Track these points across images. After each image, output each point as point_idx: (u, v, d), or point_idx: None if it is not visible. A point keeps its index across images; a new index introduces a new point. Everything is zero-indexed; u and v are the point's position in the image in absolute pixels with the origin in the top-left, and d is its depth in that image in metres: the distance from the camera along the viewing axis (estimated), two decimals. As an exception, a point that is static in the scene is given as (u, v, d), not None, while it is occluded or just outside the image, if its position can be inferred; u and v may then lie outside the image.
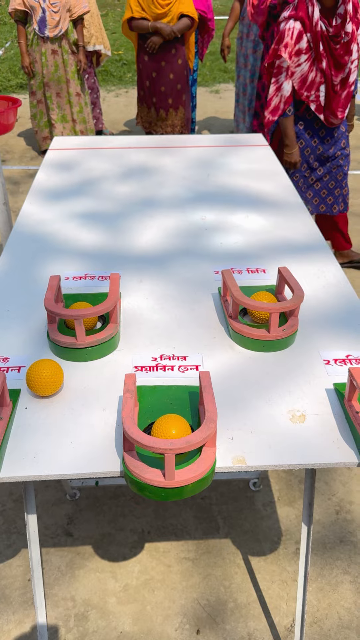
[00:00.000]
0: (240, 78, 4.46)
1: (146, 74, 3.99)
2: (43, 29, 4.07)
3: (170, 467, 0.93)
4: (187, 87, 4.08)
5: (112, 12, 11.39)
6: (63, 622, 1.62)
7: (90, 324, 1.30)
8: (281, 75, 2.51)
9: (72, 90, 4.35)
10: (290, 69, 2.48)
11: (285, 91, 2.53)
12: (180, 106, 4.08)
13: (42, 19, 4.03)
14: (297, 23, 2.42)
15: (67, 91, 4.35)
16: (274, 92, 2.56)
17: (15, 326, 1.37)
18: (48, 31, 4.07)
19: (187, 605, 1.66)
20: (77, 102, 4.41)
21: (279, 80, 2.53)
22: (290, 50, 2.45)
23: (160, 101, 4.04)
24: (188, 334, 1.35)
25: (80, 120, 4.51)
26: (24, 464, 1.03)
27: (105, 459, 1.03)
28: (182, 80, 4.00)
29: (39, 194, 2.06)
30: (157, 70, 3.93)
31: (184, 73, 3.99)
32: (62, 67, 4.25)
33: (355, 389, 1.10)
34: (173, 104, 4.06)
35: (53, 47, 4.16)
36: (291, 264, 1.63)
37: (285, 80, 2.49)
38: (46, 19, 4.02)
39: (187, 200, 2.01)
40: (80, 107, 4.45)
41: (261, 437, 1.08)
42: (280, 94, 2.55)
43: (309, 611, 1.64)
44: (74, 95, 4.37)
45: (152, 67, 3.94)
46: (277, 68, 2.52)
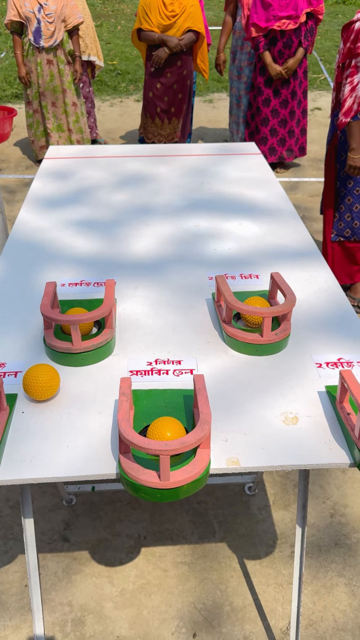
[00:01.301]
0: (234, 90, 4.50)
1: (151, 84, 4.05)
2: (38, 40, 4.11)
3: (165, 468, 0.94)
4: (189, 98, 4.15)
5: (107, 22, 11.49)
6: (60, 627, 1.62)
7: (86, 329, 1.32)
8: (357, 75, 2.41)
9: (68, 100, 4.39)
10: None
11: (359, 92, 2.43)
12: (181, 115, 4.15)
13: (37, 30, 4.07)
14: None
15: (64, 101, 4.39)
16: (349, 93, 2.46)
17: (12, 332, 1.39)
18: (43, 41, 4.11)
19: (184, 609, 1.66)
20: (73, 112, 4.45)
21: (354, 81, 2.43)
22: None
23: (163, 111, 4.11)
24: (182, 339, 1.37)
25: (77, 130, 4.55)
26: (21, 467, 1.04)
27: (101, 462, 1.05)
28: (185, 90, 4.07)
29: (35, 202, 2.08)
30: (162, 80, 4.00)
31: (187, 83, 4.06)
32: (58, 77, 4.29)
33: (346, 391, 1.12)
34: (175, 113, 4.12)
35: (48, 57, 4.20)
36: (283, 269, 1.65)
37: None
38: (41, 29, 4.07)
39: (181, 207, 2.03)
40: (76, 117, 4.49)
41: (255, 438, 1.10)
42: (355, 95, 2.44)
43: (305, 614, 1.65)
44: (70, 105, 4.41)
45: (157, 78, 4.01)
46: (352, 68, 2.43)
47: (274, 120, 4.24)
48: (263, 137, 4.33)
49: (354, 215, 2.77)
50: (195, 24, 3.81)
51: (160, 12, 3.74)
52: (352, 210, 2.76)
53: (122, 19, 11.81)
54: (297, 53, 3.97)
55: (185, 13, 3.76)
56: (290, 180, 4.57)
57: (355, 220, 2.78)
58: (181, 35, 3.84)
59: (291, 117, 4.26)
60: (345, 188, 2.73)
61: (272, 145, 4.37)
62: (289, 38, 3.92)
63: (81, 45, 4.53)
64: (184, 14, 3.76)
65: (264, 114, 4.23)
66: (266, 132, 4.30)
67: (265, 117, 4.23)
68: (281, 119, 4.24)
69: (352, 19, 2.49)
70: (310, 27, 3.96)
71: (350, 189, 2.72)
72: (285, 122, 4.26)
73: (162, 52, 3.84)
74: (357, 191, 2.71)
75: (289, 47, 3.95)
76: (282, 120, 4.25)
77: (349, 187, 2.72)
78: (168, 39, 3.79)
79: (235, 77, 4.44)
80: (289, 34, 3.91)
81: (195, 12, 3.80)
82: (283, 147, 4.39)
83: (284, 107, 4.19)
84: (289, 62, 3.98)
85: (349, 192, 2.73)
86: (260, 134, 4.33)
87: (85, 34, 4.53)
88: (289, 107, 4.20)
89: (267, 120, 4.25)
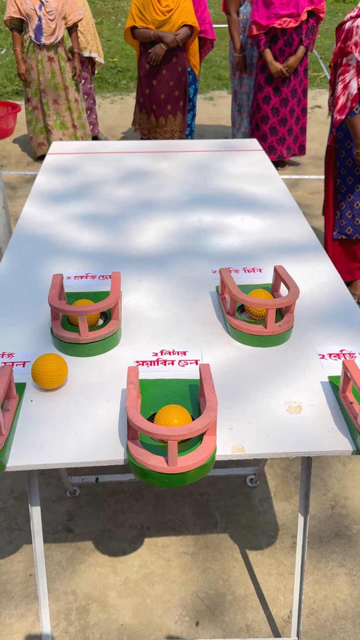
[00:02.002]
0: (245, 87, 4.50)
1: (147, 82, 4.05)
2: (39, 37, 4.12)
3: (173, 453, 0.97)
4: (185, 93, 4.14)
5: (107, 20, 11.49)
6: (65, 615, 1.65)
7: (92, 320, 1.34)
8: (348, 74, 2.46)
9: (70, 97, 4.40)
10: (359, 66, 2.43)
11: (352, 89, 2.47)
12: (178, 112, 4.14)
13: (39, 27, 4.08)
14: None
15: (66, 98, 4.40)
16: (341, 91, 2.51)
17: (20, 323, 1.41)
18: (44, 39, 4.12)
19: (187, 598, 1.69)
20: (76, 108, 4.47)
21: (345, 79, 2.48)
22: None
23: (160, 108, 4.10)
24: (187, 331, 1.39)
25: (81, 126, 4.57)
26: (30, 453, 1.06)
27: (109, 448, 1.07)
28: (181, 86, 4.06)
29: (39, 197, 2.10)
30: (158, 77, 4.00)
31: (183, 80, 4.05)
32: (59, 74, 4.30)
33: (349, 380, 1.14)
34: (172, 110, 4.12)
35: (49, 55, 4.22)
36: (286, 263, 1.68)
37: (353, 77, 2.44)
38: (42, 26, 4.08)
39: (184, 202, 2.05)
40: (79, 113, 4.51)
41: (259, 427, 1.12)
42: (348, 92, 2.48)
43: (306, 602, 1.68)
44: (73, 102, 4.43)
45: (152, 75, 4.00)
46: (343, 66, 2.48)
47: (274, 118, 4.26)
48: (263, 134, 4.35)
49: (355, 213, 2.79)
50: (189, 19, 3.81)
51: (155, 8, 3.74)
52: (353, 207, 2.78)
53: (123, 16, 11.81)
54: (298, 51, 3.98)
55: (180, 7, 3.76)
56: (291, 177, 4.59)
57: (356, 218, 2.79)
58: (176, 31, 3.84)
59: (291, 116, 4.27)
60: (346, 185, 2.75)
61: (272, 144, 4.39)
62: (290, 36, 3.93)
63: (82, 41, 4.54)
64: (179, 9, 3.76)
65: (264, 112, 4.24)
66: (266, 129, 4.32)
67: (265, 114, 4.25)
68: (281, 118, 4.26)
69: (344, 19, 2.52)
70: (311, 25, 3.98)
71: (351, 186, 2.74)
72: (285, 120, 4.28)
73: (159, 48, 3.84)
74: (357, 188, 2.73)
75: (289, 45, 3.97)
76: (282, 119, 4.27)
77: (350, 184, 2.74)
78: (164, 35, 3.79)
79: (246, 74, 4.44)
80: (289, 32, 3.93)
81: (189, 6, 3.80)
82: (282, 145, 4.41)
83: (284, 105, 4.21)
84: (290, 60, 3.99)
85: (349, 189, 2.75)
86: (260, 131, 4.34)
87: (86, 30, 4.54)
88: (289, 105, 4.22)
89: (266, 118, 4.26)
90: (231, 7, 4.31)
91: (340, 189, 2.78)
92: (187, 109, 4.26)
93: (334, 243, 2.96)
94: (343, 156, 2.72)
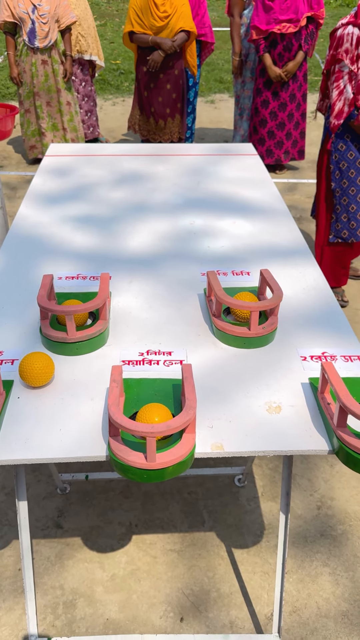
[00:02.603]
0: (248, 92, 4.54)
1: (144, 85, 4.09)
2: (33, 40, 4.15)
3: (151, 449, 1.00)
4: (183, 95, 4.18)
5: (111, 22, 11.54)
6: (52, 609, 1.68)
7: (81, 320, 1.37)
8: (342, 80, 2.52)
9: (62, 100, 4.44)
10: (352, 73, 2.49)
11: (348, 94, 2.53)
12: (177, 114, 4.18)
13: (32, 30, 4.12)
14: (355, 29, 2.45)
15: (58, 100, 4.44)
16: (337, 97, 2.56)
17: (10, 322, 1.44)
18: (38, 42, 4.15)
19: (172, 594, 1.72)
20: (67, 111, 4.50)
21: (340, 85, 2.53)
22: (352, 55, 2.46)
23: (158, 111, 4.14)
24: (174, 331, 1.43)
25: (71, 129, 4.60)
26: (15, 448, 1.10)
27: (92, 444, 1.10)
28: (178, 89, 4.09)
29: (35, 198, 2.13)
30: (155, 81, 4.03)
31: (180, 82, 4.09)
32: (53, 77, 4.34)
33: (327, 382, 1.17)
34: (170, 113, 4.15)
35: (43, 58, 4.25)
36: (274, 267, 1.71)
37: (348, 83, 2.50)
38: (36, 30, 4.11)
39: (177, 206, 2.09)
40: (70, 116, 4.54)
41: (239, 426, 1.15)
42: (344, 97, 2.54)
43: (289, 601, 1.71)
44: (64, 104, 4.46)
45: (150, 79, 4.04)
46: (337, 73, 2.54)
47: (272, 122, 4.29)
48: (261, 138, 4.38)
49: (351, 216, 2.82)
50: (187, 24, 3.84)
51: (153, 14, 3.77)
52: (348, 210, 2.81)
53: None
54: (297, 56, 4.02)
55: (177, 13, 3.79)
56: (289, 181, 4.62)
57: (352, 221, 2.83)
58: (174, 36, 3.87)
59: (289, 120, 4.31)
60: (341, 189, 2.78)
61: (269, 148, 4.43)
62: (289, 41, 3.97)
63: (83, 44, 4.58)
64: (176, 14, 3.79)
65: (262, 115, 4.28)
66: (264, 133, 4.35)
67: (264, 118, 4.28)
68: (279, 122, 4.29)
69: (336, 26, 2.55)
70: (310, 31, 4.02)
71: (346, 189, 2.77)
72: (283, 125, 4.31)
73: (158, 55, 3.88)
74: (352, 191, 2.76)
75: (288, 50, 4.00)
76: (280, 124, 4.30)
77: (344, 187, 2.77)
78: (162, 41, 3.82)
79: (249, 78, 4.47)
80: (289, 37, 3.96)
81: (186, 11, 3.84)
82: (280, 149, 4.45)
83: (283, 110, 4.24)
84: (289, 65, 4.03)
85: (344, 192, 2.78)
86: (258, 135, 4.38)
87: (87, 33, 4.58)
88: (287, 110, 4.25)
89: (265, 122, 4.30)
90: (235, 10, 4.35)
91: (335, 192, 2.81)
92: (185, 111, 4.30)
93: (323, 248, 2.99)
94: (337, 159, 2.75)
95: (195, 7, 4.23)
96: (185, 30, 3.85)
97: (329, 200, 2.89)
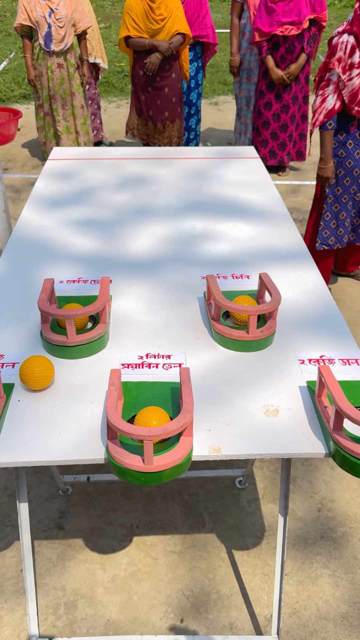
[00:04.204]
0: (244, 92, 4.55)
1: (142, 88, 4.10)
2: (49, 44, 4.18)
3: (148, 452, 1.01)
4: (181, 100, 4.19)
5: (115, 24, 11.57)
6: (53, 609, 1.69)
7: (81, 323, 1.38)
8: (327, 88, 2.53)
9: (76, 103, 4.47)
10: (340, 83, 2.50)
11: (328, 104, 2.54)
12: (177, 118, 4.19)
13: (48, 34, 4.15)
14: (350, 37, 2.45)
15: (72, 104, 4.46)
16: (319, 104, 2.58)
17: (11, 325, 1.46)
18: (54, 45, 4.19)
19: (172, 595, 1.73)
20: (81, 115, 4.53)
21: (324, 93, 2.55)
22: (344, 64, 2.47)
23: (156, 114, 4.15)
24: (173, 335, 1.44)
25: (84, 133, 4.63)
26: (15, 451, 1.11)
27: (91, 447, 1.12)
28: (177, 93, 4.11)
29: (38, 201, 2.15)
30: (152, 84, 4.05)
31: (178, 86, 4.10)
32: (68, 81, 4.37)
33: (324, 385, 1.18)
34: (169, 117, 4.16)
35: (59, 61, 4.28)
36: (274, 270, 1.72)
37: (331, 93, 2.52)
38: (52, 33, 4.14)
39: (179, 209, 2.10)
40: (84, 120, 4.57)
41: (236, 429, 1.16)
42: (324, 106, 2.55)
43: (289, 602, 1.72)
44: (78, 108, 4.49)
45: (147, 82, 4.06)
46: (325, 81, 2.55)
47: (275, 124, 4.30)
48: (264, 139, 4.39)
49: (339, 223, 2.84)
50: (182, 27, 3.86)
51: (149, 17, 3.79)
52: (338, 217, 2.83)
53: (131, 21, 11.87)
54: (299, 58, 4.03)
55: (173, 16, 3.81)
56: (292, 183, 4.63)
57: (340, 228, 2.85)
58: (170, 39, 3.89)
59: (292, 122, 4.32)
60: (334, 195, 2.80)
61: (273, 149, 4.43)
62: (292, 43, 3.98)
63: (87, 47, 4.61)
64: (172, 17, 3.81)
65: (265, 117, 4.29)
66: (267, 135, 4.36)
67: (267, 120, 4.29)
68: (282, 124, 4.30)
69: (332, 34, 2.56)
70: (313, 33, 4.02)
71: (339, 197, 2.79)
72: (286, 126, 4.32)
73: (155, 58, 3.89)
74: (344, 199, 2.78)
75: (291, 53, 4.01)
76: (283, 125, 4.31)
77: (337, 195, 2.79)
78: (159, 43, 3.84)
79: (245, 78, 4.50)
80: (291, 40, 3.97)
81: (181, 14, 3.85)
82: (283, 151, 4.45)
83: (285, 111, 4.25)
84: (291, 68, 4.04)
85: (337, 199, 2.80)
86: (261, 137, 4.39)
87: (91, 36, 4.60)
88: (290, 111, 4.26)
89: (268, 124, 4.31)
90: (234, 12, 4.38)
91: (327, 198, 2.83)
92: (183, 115, 4.31)
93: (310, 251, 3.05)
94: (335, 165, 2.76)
95: (197, 9, 4.24)
96: (181, 32, 3.87)
97: (320, 206, 2.91)
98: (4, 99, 6.87)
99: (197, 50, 4.40)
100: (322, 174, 2.72)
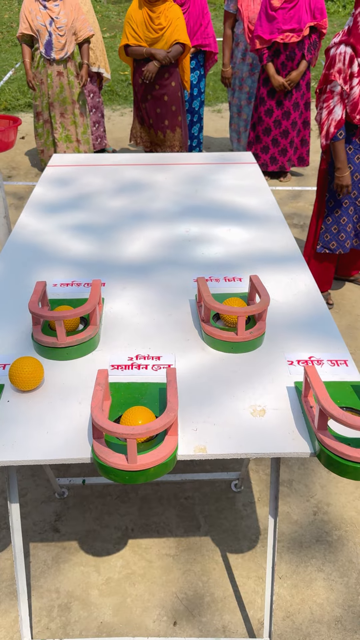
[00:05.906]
0: (235, 100, 4.63)
1: (141, 97, 4.15)
2: (49, 52, 4.24)
3: (132, 451, 1.02)
4: (182, 108, 4.22)
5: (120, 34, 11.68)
6: (47, 612, 1.70)
7: (72, 325, 1.40)
8: (332, 100, 2.55)
9: (77, 112, 4.51)
10: (344, 93, 2.52)
11: (336, 115, 2.56)
12: (177, 127, 4.22)
13: (49, 42, 4.20)
14: (348, 48, 2.48)
15: (72, 112, 4.51)
16: (326, 117, 2.60)
17: (3, 328, 1.48)
18: (54, 53, 4.24)
19: (166, 598, 1.73)
20: (81, 123, 4.58)
21: (330, 105, 2.57)
22: (344, 75, 2.49)
23: (157, 123, 4.19)
24: (164, 336, 1.45)
25: (85, 141, 4.67)
26: (4, 451, 1.12)
27: (77, 447, 1.13)
28: (177, 102, 4.14)
29: (36, 207, 2.18)
30: (152, 93, 4.09)
31: (178, 95, 4.13)
32: (68, 89, 4.41)
33: (309, 385, 1.19)
34: (169, 126, 4.19)
35: (59, 69, 4.33)
36: (266, 273, 1.73)
37: (337, 104, 2.54)
38: (52, 42, 4.19)
39: (174, 214, 2.12)
40: (84, 128, 4.61)
41: (223, 429, 1.17)
42: (332, 118, 2.57)
43: (283, 606, 1.71)
44: (79, 116, 4.54)
45: (147, 91, 4.09)
46: (328, 93, 2.56)
47: (276, 130, 4.33)
48: (265, 146, 4.42)
49: (341, 228, 2.84)
50: (182, 37, 3.90)
51: (148, 26, 3.84)
52: (339, 222, 2.83)
53: (136, 30, 11.98)
54: (300, 65, 4.05)
55: (172, 25, 3.85)
56: (293, 189, 4.64)
57: (341, 233, 2.84)
58: (168, 48, 3.92)
59: (293, 128, 4.34)
60: (335, 200, 2.80)
61: (274, 155, 4.46)
62: (292, 51, 4.01)
63: (91, 57, 4.66)
64: (171, 27, 3.85)
65: (266, 124, 4.31)
66: (268, 141, 4.39)
67: (268, 127, 4.32)
68: (283, 130, 4.32)
69: (329, 45, 2.58)
70: (313, 40, 4.05)
71: (339, 201, 2.79)
72: (287, 133, 4.34)
73: (152, 66, 3.93)
74: (345, 203, 2.78)
75: (291, 60, 4.04)
76: (284, 131, 4.33)
77: (338, 200, 2.79)
78: (156, 52, 3.88)
79: (237, 87, 4.56)
80: (291, 47, 4.00)
81: (181, 24, 3.89)
82: (284, 157, 4.47)
83: (286, 118, 4.27)
84: (292, 75, 4.06)
85: (338, 204, 2.81)
86: (262, 143, 4.42)
87: (95, 46, 4.65)
88: (291, 118, 4.28)
89: (269, 130, 4.33)
90: (226, 24, 4.46)
91: (328, 203, 2.83)
92: (185, 123, 4.34)
93: (310, 257, 3.03)
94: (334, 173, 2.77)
95: (199, 18, 4.28)
96: (180, 42, 3.91)
97: (322, 211, 2.91)
98: (9, 108, 6.95)
99: (199, 58, 4.45)
100: (340, 183, 2.70)
